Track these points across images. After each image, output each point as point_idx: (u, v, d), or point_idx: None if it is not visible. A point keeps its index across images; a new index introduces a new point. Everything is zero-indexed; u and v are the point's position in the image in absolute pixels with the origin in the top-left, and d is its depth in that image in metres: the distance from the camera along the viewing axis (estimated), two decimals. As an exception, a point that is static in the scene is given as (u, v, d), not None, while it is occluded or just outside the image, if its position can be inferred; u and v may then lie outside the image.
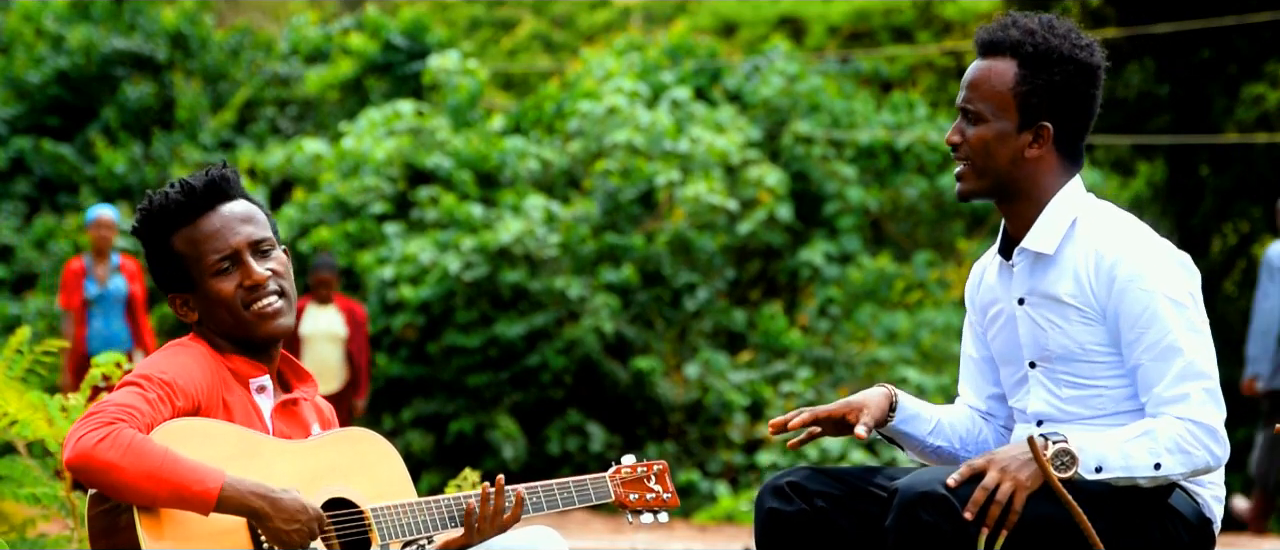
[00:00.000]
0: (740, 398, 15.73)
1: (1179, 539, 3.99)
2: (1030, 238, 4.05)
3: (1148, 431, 3.88)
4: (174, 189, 4.01)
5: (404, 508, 3.97)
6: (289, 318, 4.02)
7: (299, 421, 4.05)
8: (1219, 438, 3.91)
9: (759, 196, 16.34)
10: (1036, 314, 4.06)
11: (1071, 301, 4.00)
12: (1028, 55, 4.03)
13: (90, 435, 3.66)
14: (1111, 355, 4.01)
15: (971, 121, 4.05)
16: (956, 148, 4.08)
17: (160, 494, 3.66)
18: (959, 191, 4.10)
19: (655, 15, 26.85)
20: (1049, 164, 4.06)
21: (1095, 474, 3.86)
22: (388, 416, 15.66)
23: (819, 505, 4.04)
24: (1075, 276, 4.00)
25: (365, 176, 16.25)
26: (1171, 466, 3.88)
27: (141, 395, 3.77)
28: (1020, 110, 4.03)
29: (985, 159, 4.04)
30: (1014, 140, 4.03)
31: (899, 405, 4.19)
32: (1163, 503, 3.98)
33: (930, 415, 4.25)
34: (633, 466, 4.33)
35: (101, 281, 12.77)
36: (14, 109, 19.88)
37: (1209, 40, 20.57)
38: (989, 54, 4.07)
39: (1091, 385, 4.02)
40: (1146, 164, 21.89)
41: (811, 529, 4.04)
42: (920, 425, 4.23)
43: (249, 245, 4.00)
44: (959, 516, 3.78)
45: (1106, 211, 4.08)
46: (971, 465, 3.85)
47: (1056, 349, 4.03)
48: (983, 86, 4.04)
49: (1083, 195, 4.08)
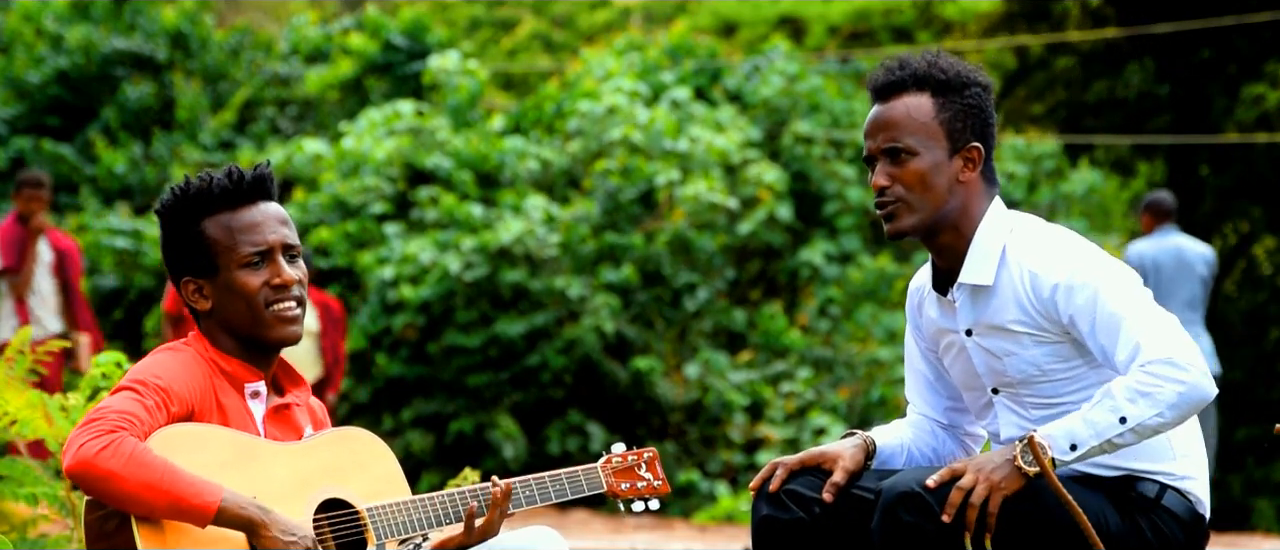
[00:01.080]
0: (740, 398, 15.73)
1: (1173, 536, 4.00)
2: (966, 272, 4.06)
3: (1106, 392, 3.88)
4: (218, 175, 3.99)
5: (399, 506, 3.97)
6: (301, 328, 4.03)
7: (291, 425, 4.05)
8: (1181, 364, 3.85)
9: (759, 195, 16.34)
10: (987, 344, 4.07)
11: (1021, 329, 4.02)
12: (939, 83, 4.07)
13: (92, 443, 3.66)
14: (1073, 370, 4.03)
15: (898, 160, 4.05)
16: (885, 190, 4.06)
17: (159, 505, 3.67)
18: (892, 230, 4.08)
19: (655, 15, 26.85)
20: (975, 189, 4.09)
21: (1072, 452, 3.86)
22: (388, 416, 15.66)
23: (814, 511, 4.05)
24: (1017, 303, 4.02)
25: (365, 176, 16.25)
26: (1140, 413, 3.84)
27: (139, 401, 3.76)
28: (948, 137, 4.06)
29: (923, 192, 4.04)
30: (948, 168, 4.06)
31: (877, 453, 4.19)
32: (1155, 504, 3.99)
33: (902, 449, 4.26)
34: (623, 455, 4.34)
35: None
36: (14, 109, 19.88)
37: (1209, 40, 20.57)
38: (892, 94, 4.08)
39: (1058, 403, 4.04)
40: (1146, 164, 21.89)
41: (806, 535, 4.05)
42: (895, 462, 4.24)
43: (283, 246, 3.99)
44: (938, 516, 3.80)
45: (1030, 229, 4.09)
46: (952, 468, 3.88)
47: (1016, 374, 4.05)
48: (904, 122, 4.05)
49: (1006, 217, 4.11)
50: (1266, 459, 19.37)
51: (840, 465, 4.07)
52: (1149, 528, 3.97)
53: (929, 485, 3.83)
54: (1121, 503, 3.95)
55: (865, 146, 4.11)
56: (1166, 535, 3.99)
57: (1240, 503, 18.59)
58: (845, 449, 4.12)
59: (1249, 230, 21.81)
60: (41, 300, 12.29)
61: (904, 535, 3.81)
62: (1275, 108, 21.42)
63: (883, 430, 4.27)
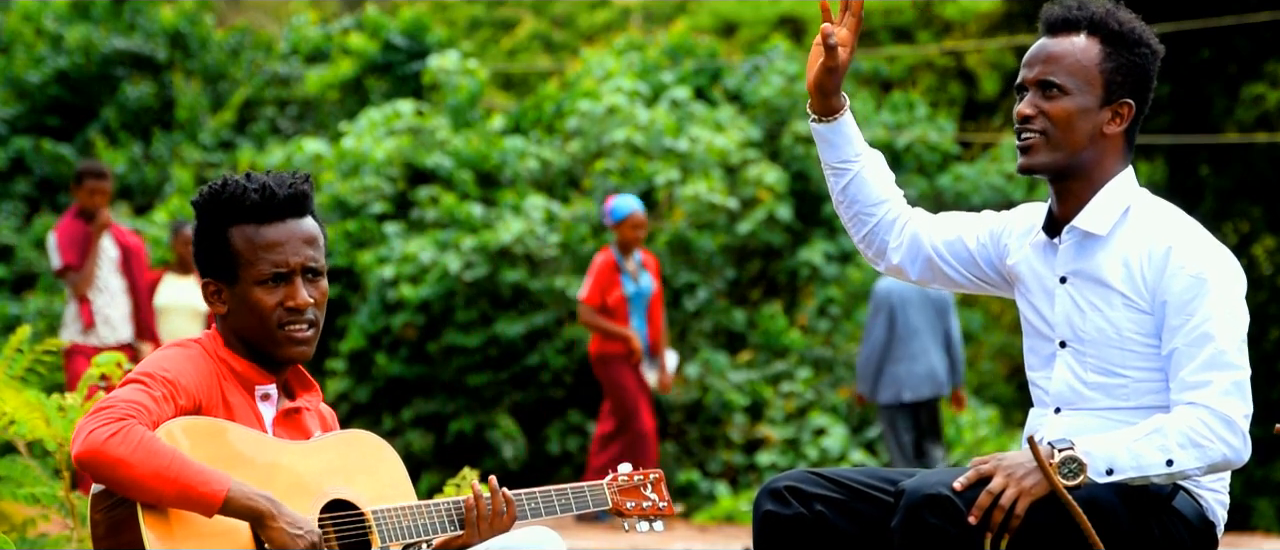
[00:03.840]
0: (740, 398, 15.73)
1: (1182, 541, 3.97)
2: (1083, 217, 4.03)
3: (1158, 428, 3.85)
4: (253, 185, 3.96)
5: (404, 510, 3.98)
6: (311, 349, 4.02)
7: (302, 430, 4.05)
8: (1236, 430, 3.86)
9: (759, 195, 16.34)
10: (1077, 294, 4.03)
11: (1119, 287, 3.98)
12: (1112, 33, 4.04)
13: (101, 430, 3.66)
14: (1147, 345, 3.98)
15: (1049, 95, 4.03)
16: (1030, 120, 4.03)
17: (167, 493, 3.67)
18: (1024, 164, 4.05)
19: (655, 15, 26.86)
20: (1116, 146, 4.07)
21: (1107, 476, 3.84)
22: (388, 416, 15.66)
23: (816, 508, 4.03)
24: (1125, 263, 3.98)
25: (365, 176, 16.25)
26: (1185, 462, 3.84)
27: (147, 392, 3.77)
28: (1105, 86, 4.03)
29: (1066, 131, 4.01)
30: (1095, 115, 4.03)
31: (846, 108, 4.24)
32: (1166, 505, 3.96)
33: (862, 149, 4.30)
34: (629, 474, 4.37)
35: (634, 278, 12.16)
36: (14, 109, 19.88)
37: (1209, 40, 20.57)
38: (1063, 31, 4.06)
39: (1119, 373, 3.99)
40: (1146, 164, 21.88)
41: (809, 532, 4.03)
42: (849, 148, 4.28)
43: (304, 267, 3.99)
44: (964, 519, 3.78)
45: (1162, 205, 4.07)
46: (979, 470, 3.85)
47: (1092, 331, 4.01)
48: (1066, 60, 4.02)
49: (1136, 186, 4.08)
50: (1266, 459, 19.37)
51: (835, 41, 4.15)
52: (1158, 528, 3.95)
53: (956, 487, 3.80)
54: (1133, 501, 3.93)
55: (1021, 74, 4.08)
56: (1174, 538, 3.95)
57: (1240, 503, 18.59)
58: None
59: (1249, 230, 21.82)
60: (110, 298, 11.56)
61: (926, 537, 3.78)
62: (1275, 108, 21.42)
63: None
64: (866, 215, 4.33)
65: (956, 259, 4.30)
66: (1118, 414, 3.98)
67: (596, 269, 12.17)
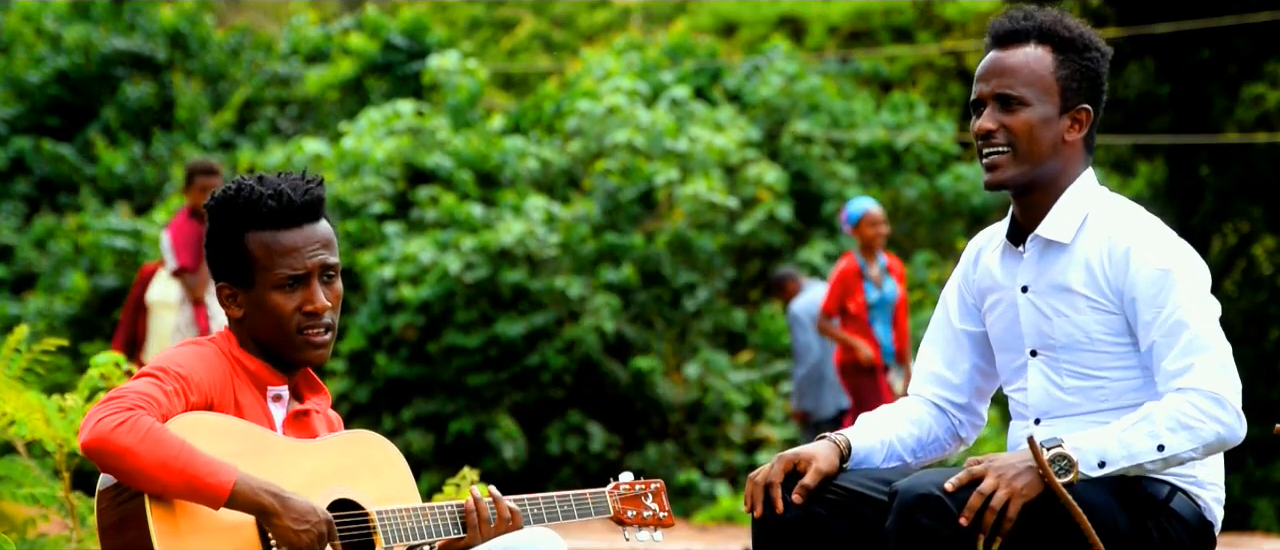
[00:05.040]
0: (740, 398, 15.73)
1: (1180, 542, 3.97)
2: (1045, 226, 4.03)
3: (1146, 416, 3.85)
4: (269, 191, 3.94)
5: (408, 512, 3.98)
6: (328, 352, 4.02)
7: (310, 432, 4.05)
8: (1227, 406, 3.85)
9: (758, 195, 16.34)
10: (1041, 302, 4.04)
11: (1082, 291, 3.98)
12: (1062, 40, 4.05)
13: (109, 419, 3.66)
14: (1119, 345, 3.99)
15: (1009, 108, 4.03)
16: (992, 135, 4.03)
17: (173, 483, 3.66)
18: (991, 181, 4.05)
19: (655, 15, 26.87)
20: (1076, 152, 4.07)
21: (1099, 470, 3.85)
22: (388, 416, 15.66)
23: (815, 509, 4.04)
24: (1087, 266, 3.99)
25: (365, 176, 16.25)
26: (1177, 445, 3.83)
27: (159, 386, 3.77)
28: (1062, 94, 4.03)
29: (1030, 143, 4.01)
30: (1056, 124, 4.03)
31: (853, 453, 4.13)
32: (1164, 506, 3.96)
33: (881, 446, 4.20)
34: (630, 483, 4.38)
35: (878, 284, 11.70)
36: (14, 109, 19.90)
37: (1209, 40, 20.57)
38: (1013, 42, 4.05)
39: (1095, 375, 4.00)
40: (1146, 164, 21.89)
41: (807, 533, 4.03)
42: (872, 460, 4.18)
43: (321, 269, 3.98)
44: (956, 520, 3.78)
45: (1119, 204, 4.08)
46: (971, 470, 3.84)
47: (1061, 337, 4.01)
48: (1022, 71, 4.02)
49: (1096, 188, 4.08)
50: (1266, 459, 19.37)
51: (813, 467, 4.03)
52: (1156, 530, 3.94)
53: (948, 488, 3.81)
54: (1131, 502, 3.93)
55: (976, 90, 4.06)
56: (1172, 539, 3.95)
57: (1240, 503, 18.58)
58: (819, 451, 4.07)
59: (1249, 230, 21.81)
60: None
61: (919, 537, 3.78)
62: (1275, 108, 21.42)
63: (862, 426, 4.22)
64: (949, 449, 4.34)
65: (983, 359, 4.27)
66: (1100, 417, 3.99)
67: (838, 275, 11.66)
